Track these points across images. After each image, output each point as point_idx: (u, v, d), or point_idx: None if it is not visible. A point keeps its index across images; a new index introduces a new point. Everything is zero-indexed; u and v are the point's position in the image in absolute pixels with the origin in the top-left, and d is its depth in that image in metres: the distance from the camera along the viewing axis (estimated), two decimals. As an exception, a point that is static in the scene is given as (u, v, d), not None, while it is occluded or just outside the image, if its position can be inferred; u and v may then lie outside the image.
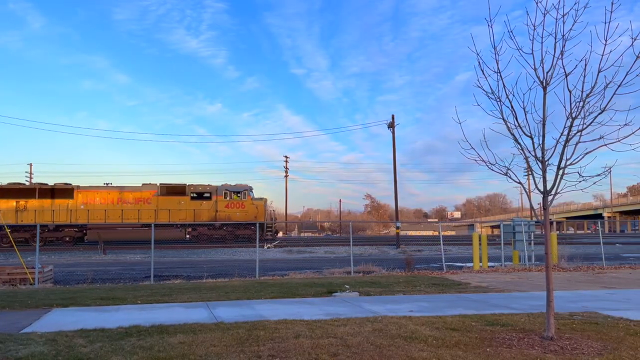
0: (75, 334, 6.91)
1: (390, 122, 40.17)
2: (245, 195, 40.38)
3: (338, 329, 7.14)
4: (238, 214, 39.70)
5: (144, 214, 38.31)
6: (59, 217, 37.44)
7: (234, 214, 39.66)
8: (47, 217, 37.22)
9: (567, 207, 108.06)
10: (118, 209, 38.33)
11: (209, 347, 6.13)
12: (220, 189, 40.16)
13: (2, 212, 36.14)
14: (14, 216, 36.84)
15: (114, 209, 38.34)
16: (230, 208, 39.87)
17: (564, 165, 6.44)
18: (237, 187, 40.72)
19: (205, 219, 39.24)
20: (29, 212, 37.11)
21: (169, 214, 38.64)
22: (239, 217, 39.67)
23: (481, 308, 9.20)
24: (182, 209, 39.03)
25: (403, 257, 22.23)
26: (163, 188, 39.42)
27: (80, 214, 37.85)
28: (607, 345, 6.16)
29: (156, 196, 38.97)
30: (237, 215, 39.65)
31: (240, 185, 41.39)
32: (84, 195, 38.31)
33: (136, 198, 38.83)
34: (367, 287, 12.44)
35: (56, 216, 37.43)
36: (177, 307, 9.57)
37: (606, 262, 19.42)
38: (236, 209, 39.93)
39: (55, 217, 37.38)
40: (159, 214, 38.45)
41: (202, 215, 39.37)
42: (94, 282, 15.00)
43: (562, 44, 6.26)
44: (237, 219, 39.31)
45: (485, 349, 6.00)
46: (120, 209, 38.29)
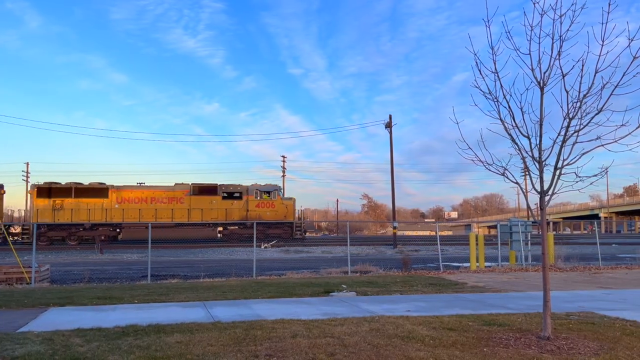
0: (72, 334, 6.90)
1: (388, 122, 40.19)
2: (275, 195, 41.23)
3: (335, 329, 7.14)
4: (268, 213, 40.47)
5: (177, 213, 38.93)
6: (94, 216, 37.88)
7: (264, 214, 40.33)
8: (83, 216, 37.73)
9: (563, 208, 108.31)
10: (152, 208, 38.84)
11: (206, 346, 6.13)
12: (251, 189, 40.91)
13: (40, 211, 36.90)
14: (50, 215, 37.22)
15: (148, 208, 38.84)
16: (261, 207, 40.59)
17: (561, 166, 6.46)
18: (267, 187, 41.57)
19: (236, 218, 39.93)
20: (65, 211, 37.52)
21: (202, 213, 39.26)
22: (269, 216, 40.33)
23: (478, 308, 9.22)
24: (214, 208, 39.68)
25: (400, 257, 22.25)
26: (195, 188, 39.95)
27: (114, 213, 38.35)
28: (604, 345, 6.18)
29: (188, 196, 39.55)
30: (267, 215, 40.30)
31: (270, 185, 42.22)
32: (118, 194, 38.80)
33: (169, 197, 39.44)
34: (365, 286, 12.45)
35: (91, 215, 37.86)
36: (174, 307, 9.56)
37: (602, 262, 19.46)
38: (266, 208, 40.67)
39: (90, 216, 37.83)
40: (191, 213, 39.10)
41: (233, 215, 40.03)
42: (90, 281, 14.96)
43: (560, 44, 6.28)
44: (268, 218, 39.94)
45: (482, 349, 6.02)
46: (154, 208, 38.81)
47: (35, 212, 37.04)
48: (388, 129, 40.10)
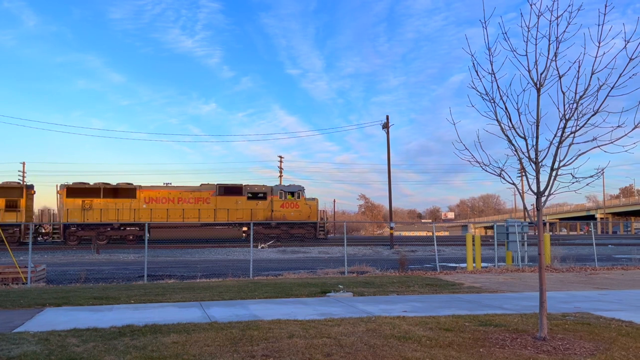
0: (68, 334, 6.88)
1: (385, 122, 40.20)
2: (299, 196, 41.81)
3: (332, 329, 7.15)
4: (293, 213, 41.08)
5: (204, 213, 39.49)
6: (122, 215, 38.40)
7: (289, 214, 40.92)
8: (112, 215, 38.23)
9: (560, 208, 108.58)
10: (179, 208, 39.40)
11: (202, 347, 6.12)
12: (275, 189, 41.52)
13: (70, 211, 37.37)
14: (80, 214, 37.69)
15: (175, 208, 39.39)
16: (286, 208, 41.18)
17: (557, 167, 6.48)
18: (291, 188, 42.19)
19: (261, 218, 40.42)
20: (95, 211, 38.04)
21: (228, 213, 39.86)
22: (294, 216, 40.93)
23: (474, 308, 9.24)
24: (240, 208, 40.24)
25: (397, 258, 22.26)
26: (221, 188, 40.52)
27: (142, 213, 38.83)
28: (600, 346, 6.20)
29: (214, 196, 40.12)
30: (291, 215, 40.90)
31: (294, 186, 42.72)
32: (146, 194, 39.29)
33: (196, 198, 39.96)
34: (361, 287, 12.46)
35: (120, 215, 38.36)
36: (171, 307, 9.55)
37: (599, 263, 19.52)
38: (291, 208, 41.24)
39: (118, 216, 38.33)
40: (217, 214, 39.70)
41: (258, 215, 40.53)
42: (87, 281, 14.94)
43: (556, 45, 6.30)
44: (292, 218, 40.55)
45: (479, 349, 6.03)
46: (181, 208, 39.37)
47: (66, 212, 37.56)
48: (385, 130, 40.11)
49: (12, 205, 36.71)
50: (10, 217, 36.27)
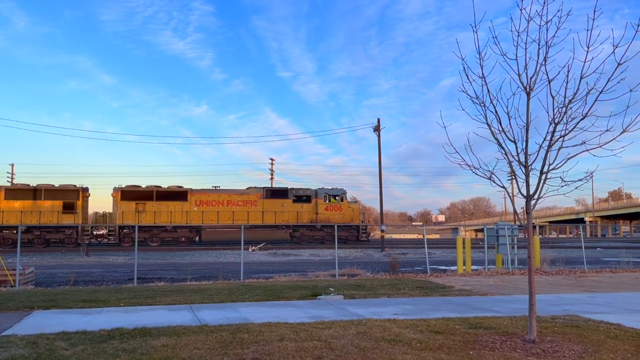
0: (56, 337, 6.83)
1: (376, 125, 40.30)
2: (342, 199, 43.21)
3: (322, 332, 7.14)
4: (336, 216, 42.10)
5: (252, 216, 40.61)
6: (174, 218, 39.34)
7: (333, 216, 41.88)
8: (164, 218, 39.26)
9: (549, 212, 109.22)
10: (229, 210, 40.32)
11: (192, 350, 6.09)
12: (319, 192, 42.82)
13: (124, 213, 38.49)
14: (133, 216, 38.53)
15: (225, 211, 40.33)
16: (330, 211, 42.42)
17: (546, 170, 6.52)
18: (334, 191, 43.15)
19: (306, 221, 41.72)
20: (148, 214, 39.03)
21: (275, 215, 41.04)
22: (337, 219, 41.69)
23: (465, 311, 9.27)
24: (286, 211, 41.43)
25: (387, 260, 22.30)
26: (268, 191, 42.02)
27: (193, 216, 39.79)
28: (588, 348, 6.24)
29: (262, 199, 41.30)
30: (335, 218, 41.78)
31: (337, 189, 43.63)
32: (197, 197, 40.29)
33: (244, 201, 41.06)
34: (352, 290, 12.46)
35: (172, 217, 39.33)
36: (161, 310, 9.50)
37: (587, 265, 19.66)
38: (335, 211, 42.51)
39: (171, 219, 39.31)
40: (265, 216, 40.86)
41: (303, 217, 41.80)
42: (76, 284, 14.83)
43: (546, 50, 6.35)
44: (336, 220, 40.99)
45: (469, 352, 6.05)
46: (230, 210, 40.32)
47: (120, 214, 38.44)
48: (376, 133, 40.22)
49: (70, 207, 37.53)
50: (68, 218, 37.17)
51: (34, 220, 36.39)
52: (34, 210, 36.82)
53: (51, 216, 36.97)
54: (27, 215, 36.50)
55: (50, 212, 37.05)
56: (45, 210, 37.03)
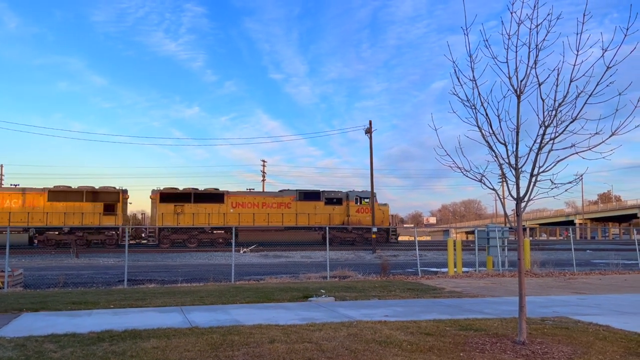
0: (45, 339, 6.77)
1: (368, 127, 40.38)
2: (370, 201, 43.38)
3: (313, 334, 7.14)
4: (367, 218, 42.72)
5: (286, 218, 41.83)
6: (211, 220, 40.25)
7: (364, 219, 42.77)
8: (202, 219, 40.13)
9: (540, 214, 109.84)
10: (264, 212, 41.46)
11: (182, 352, 6.07)
12: (351, 195, 43.73)
13: (164, 215, 39.36)
14: (172, 218, 39.57)
15: (260, 213, 41.45)
16: (361, 213, 43.27)
17: (536, 173, 6.56)
18: (364, 194, 43.99)
19: (337, 223, 42.66)
20: (186, 215, 39.87)
21: (308, 217, 42.18)
22: (368, 221, 42.33)
23: (455, 313, 9.29)
24: (318, 213, 42.49)
25: (379, 262, 22.32)
26: (301, 194, 42.94)
27: (230, 217, 40.75)
28: (577, 350, 6.28)
29: (295, 201, 42.44)
30: (366, 220, 42.62)
31: (367, 192, 44.11)
32: (233, 199, 41.29)
33: (278, 203, 42.16)
34: (343, 291, 12.46)
35: (209, 219, 40.26)
36: (151, 312, 9.45)
37: (577, 268, 19.78)
38: (365, 213, 43.16)
39: (208, 220, 40.23)
40: (298, 218, 42.08)
41: (334, 219, 42.83)
42: (65, 286, 14.71)
43: (536, 53, 6.40)
44: (367, 222, 42.03)
45: (459, 354, 6.07)
46: (265, 212, 41.47)
47: (160, 216, 39.22)
48: (368, 135, 40.30)
49: (110, 209, 38.35)
50: (109, 220, 37.98)
51: (76, 221, 37.27)
52: (76, 212, 37.54)
53: (92, 217, 37.80)
54: (69, 216, 37.24)
55: (92, 214, 37.88)
56: (87, 211, 37.84)
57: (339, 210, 43.25)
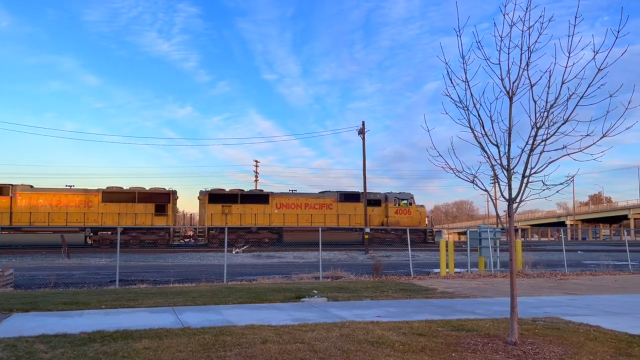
0: (36, 340, 6.73)
1: (361, 128, 40.42)
2: (410, 203, 45.13)
3: (306, 335, 7.14)
4: (405, 219, 43.95)
5: (328, 219, 42.93)
6: (257, 220, 41.31)
7: (402, 220, 43.80)
8: (249, 220, 41.25)
9: (531, 215, 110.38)
10: (307, 213, 42.62)
11: (174, 352, 6.05)
12: (390, 196, 44.64)
13: (213, 215, 40.37)
14: (220, 219, 40.47)
15: (303, 214, 42.62)
16: (399, 214, 44.36)
17: (528, 174, 6.60)
18: (402, 195, 44.98)
19: (377, 224, 43.54)
20: (234, 216, 40.90)
21: (349, 218, 43.33)
22: (406, 222, 43.47)
23: (447, 313, 9.32)
24: (358, 214, 43.14)
25: (371, 263, 22.34)
26: (342, 195, 44.06)
27: (274, 218, 41.90)
28: (568, 350, 6.32)
29: (336, 202, 43.57)
30: (404, 221, 43.63)
31: (405, 193, 45.56)
32: (277, 201, 42.30)
33: (320, 204, 43.26)
34: (336, 292, 12.47)
35: (255, 219, 41.34)
36: (143, 312, 9.42)
37: (568, 268, 19.89)
38: (404, 215, 44.41)
39: (255, 220, 41.29)
40: (340, 219, 43.19)
41: (374, 220, 43.49)
42: (56, 286, 14.62)
43: (528, 55, 6.44)
44: (405, 224, 42.76)
45: (451, 354, 6.09)
46: (309, 213, 42.64)
47: (210, 216, 40.32)
48: (361, 136, 40.33)
49: (161, 210, 39.35)
50: (161, 220, 38.84)
51: (128, 221, 38.13)
52: (128, 212, 38.45)
53: (144, 218, 38.69)
54: (123, 217, 38.20)
55: (144, 214, 38.78)
56: (139, 212, 38.77)
57: (378, 211, 44.10)
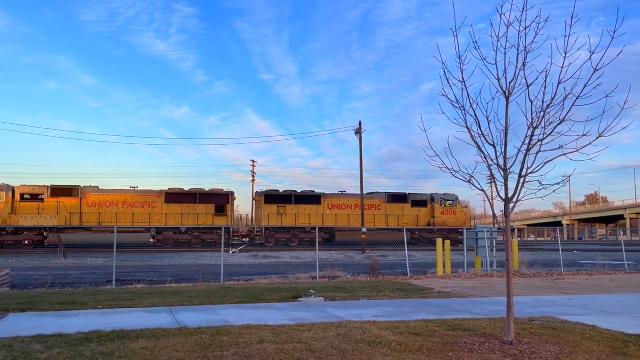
0: (32, 340, 6.72)
1: (358, 128, 40.42)
2: (456, 204, 46.03)
3: (303, 334, 7.14)
4: (451, 220, 45.13)
5: (377, 219, 43.74)
6: (310, 220, 42.17)
7: (448, 220, 44.82)
8: (303, 220, 42.23)
9: (528, 215, 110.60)
10: (358, 214, 42.44)
11: (171, 352, 6.05)
12: (436, 197, 45.40)
13: (269, 215, 41.46)
14: (276, 219, 41.58)
15: (354, 214, 43.14)
16: (445, 215, 45.14)
17: (525, 174, 6.61)
18: (448, 196, 45.77)
19: (423, 224, 44.62)
20: (289, 216, 42.01)
21: (398, 219, 44.06)
22: (452, 222, 44.59)
23: (444, 313, 9.34)
24: (405, 214, 44.47)
25: (368, 263, 22.35)
26: (389, 196, 44.87)
27: (327, 218, 42.83)
28: (564, 350, 6.34)
29: (384, 203, 44.39)
30: (450, 221, 44.73)
31: (451, 194, 46.38)
32: (329, 201, 43.27)
33: (369, 205, 43.45)
34: (332, 292, 12.47)
35: (309, 220, 42.27)
36: (140, 312, 9.40)
37: (565, 268, 19.94)
38: (450, 215, 45.24)
39: (309, 220, 42.17)
40: (389, 219, 44.02)
41: (421, 221, 44.73)
42: (53, 286, 14.58)
43: (525, 55, 6.46)
44: (451, 224, 44.00)
45: (448, 354, 6.10)
46: (359, 214, 42.00)
47: (266, 216, 41.45)
48: (358, 135, 40.34)
49: (221, 210, 40.53)
50: (221, 221, 39.80)
51: (190, 222, 39.52)
52: (190, 213, 39.75)
53: (205, 218, 39.93)
54: (185, 217, 39.60)
55: (205, 215, 40.00)
56: (201, 213, 39.99)
57: (425, 212, 45.12)
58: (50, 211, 36.98)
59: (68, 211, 37.38)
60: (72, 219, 37.39)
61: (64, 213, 37.25)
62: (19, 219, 36.32)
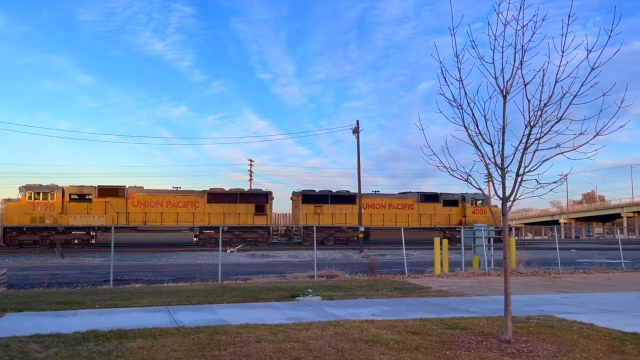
0: (29, 340, 6.70)
1: (355, 127, 40.43)
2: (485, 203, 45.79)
3: (300, 333, 7.14)
4: (482, 219, 44.53)
5: (410, 218, 44.66)
6: (346, 219, 43.25)
7: (479, 219, 44.38)
8: (339, 219, 43.30)
9: (525, 214, 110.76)
10: (392, 213, 44.39)
11: (169, 352, 6.04)
12: (467, 197, 46.03)
13: (307, 215, 42.54)
14: (313, 218, 42.51)
15: (388, 213, 44.44)
16: (476, 214, 45.80)
17: (522, 172, 6.62)
18: (478, 196, 45.75)
19: (455, 223, 45.17)
20: (325, 215, 43.10)
21: (430, 218, 45.09)
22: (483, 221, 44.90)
23: (441, 312, 9.35)
24: (437, 214, 45.37)
25: (366, 262, 22.36)
26: (422, 196, 45.83)
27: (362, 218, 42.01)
28: (562, 348, 6.35)
29: (417, 203, 45.23)
30: (481, 220, 44.36)
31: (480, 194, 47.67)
32: (364, 201, 43.19)
33: (402, 204, 44.96)
34: (330, 291, 12.47)
35: (345, 219, 43.27)
36: (137, 312, 9.39)
37: (562, 267, 19.97)
38: (480, 214, 45.55)
39: (345, 220, 43.20)
40: (421, 219, 44.93)
41: (452, 220, 45.60)
42: (50, 286, 14.55)
43: (522, 54, 6.46)
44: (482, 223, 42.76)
45: (445, 352, 6.10)
46: (393, 213, 44.40)
47: (304, 216, 42.56)
48: (355, 135, 40.36)
49: (261, 210, 41.48)
50: (261, 220, 41.22)
51: (231, 221, 40.48)
52: (231, 212, 40.70)
53: (246, 217, 40.95)
54: (227, 217, 40.52)
55: (245, 214, 40.95)
56: (242, 212, 40.94)
57: (456, 211, 45.90)
58: (98, 211, 37.77)
59: (115, 211, 38.17)
60: (119, 218, 38.18)
61: (111, 213, 38.03)
62: (69, 218, 36.91)
